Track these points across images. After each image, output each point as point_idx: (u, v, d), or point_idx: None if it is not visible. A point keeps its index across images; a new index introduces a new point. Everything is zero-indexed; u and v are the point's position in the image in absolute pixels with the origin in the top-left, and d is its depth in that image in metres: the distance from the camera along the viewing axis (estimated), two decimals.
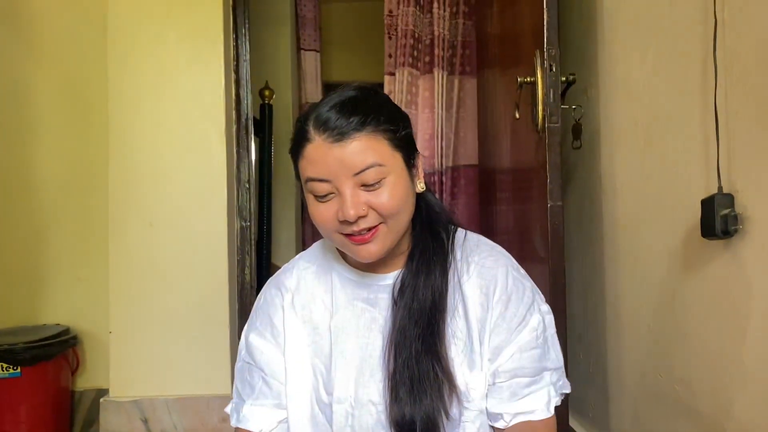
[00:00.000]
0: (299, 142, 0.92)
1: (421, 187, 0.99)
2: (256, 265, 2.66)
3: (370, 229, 0.91)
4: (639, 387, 1.62)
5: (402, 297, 0.98)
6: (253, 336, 1.07)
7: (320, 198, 0.91)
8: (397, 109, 0.98)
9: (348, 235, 0.92)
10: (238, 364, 1.10)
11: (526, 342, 0.97)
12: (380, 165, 0.89)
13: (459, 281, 0.99)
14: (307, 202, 0.95)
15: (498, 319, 0.97)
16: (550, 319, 1.02)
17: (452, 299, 0.98)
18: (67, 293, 2.57)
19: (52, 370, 2.35)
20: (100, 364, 2.49)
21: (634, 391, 1.66)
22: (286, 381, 1.03)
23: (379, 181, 0.89)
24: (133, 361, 2.35)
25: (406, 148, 0.95)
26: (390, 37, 2.90)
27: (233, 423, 1.06)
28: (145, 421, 2.32)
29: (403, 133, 0.95)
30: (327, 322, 1.03)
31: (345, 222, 0.89)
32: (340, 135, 0.88)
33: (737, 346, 1.17)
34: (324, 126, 0.89)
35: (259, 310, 1.09)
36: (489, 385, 0.97)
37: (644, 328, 1.57)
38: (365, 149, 0.88)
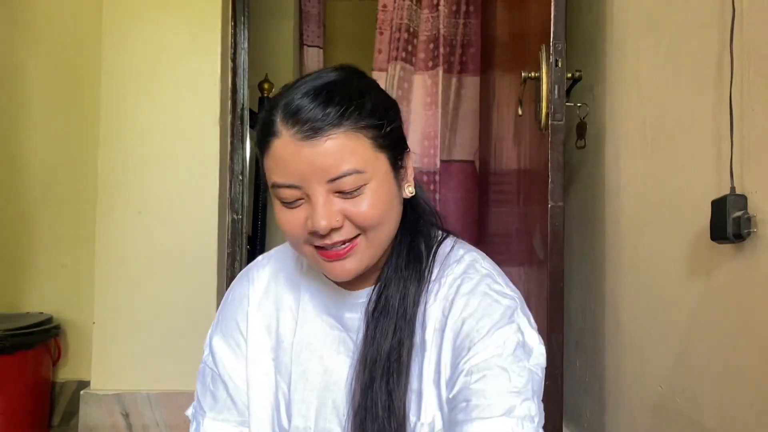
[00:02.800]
0: (264, 135, 0.77)
1: (409, 191, 0.85)
2: (246, 259, 2.60)
3: (345, 243, 0.77)
4: (637, 397, 1.55)
5: (372, 320, 0.84)
6: (217, 340, 0.95)
7: (287, 204, 0.78)
8: (385, 96, 0.83)
9: (320, 249, 0.78)
10: (201, 364, 0.97)
11: (482, 359, 0.76)
12: (359, 172, 0.75)
13: (425, 304, 0.84)
14: (273, 206, 0.81)
15: (456, 341, 0.80)
16: (540, 351, 0.80)
17: (421, 327, 0.83)
18: (51, 280, 2.50)
19: (33, 359, 2.28)
20: (83, 355, 2.41)
21: (631, 401, 1.59)
22: (249, 397, 0.92)
23: (358, 188, 0.75)
24: (116, 353, 2.28)
25: (393, 146, 0.80)
26: (381, 33, 2.84)
27: None
28: (126, 416, 2.25)
29: (389, 128, 0.79)
30: (291, 337, 0.91)
31: (315, 233, 0.76)
32: (311, 131, 0.73)
33: (747, 357, 1.10)
34: (294, 117, 0.74)
35: (226, 309, 0.97)
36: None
37: (645, 336, 1.50)
38: (342, 151, 0.74)
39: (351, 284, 0.88)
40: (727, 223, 1.08)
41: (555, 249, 1.66)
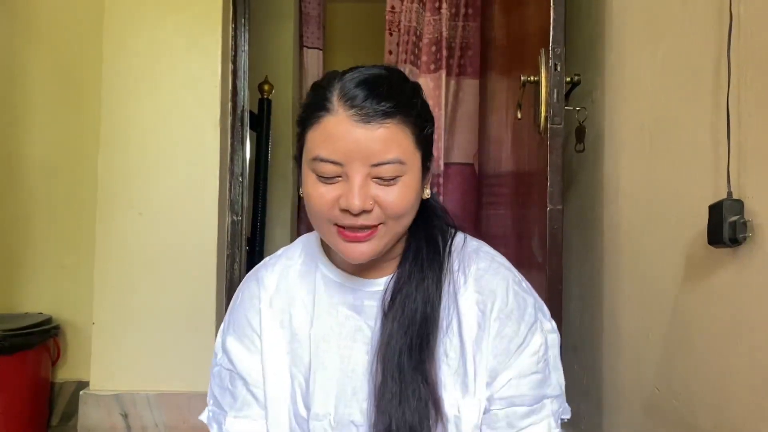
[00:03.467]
0: (316, 110, 0.81)
1: (427, 193, 0.91)
2: (246, 261, 2.60)
3: (367, 228, 0.82)
4: (635, 399, 1.56)
5: (392, 305, 0.88)
6: (231, 340, 0.97)
7: (324, 179, 0.81)
8: (426, 103, 0.89)
9: (341, 229, 0.83)
10: (214, 369, 0.99)
11: (526, 366, 0.88)
12: (401, 163, 0.80)
13: (455, 294, 0.90)
14: (304, 180, 0.84)
15: (495, 339, 0.88)
16: (553, 338, 0.92)
17: (446, 313, 0.89)
18: (50, 281, 2.50)
19: (32, 359, 2.28)
20: (82, 355, 2.41)
21: (629, 405, 1.60)
22: (265, 391, 0.94)
23: (394, 178, 0.81)
24: (116, 354, 2.28)
25: (427, 148, 0.87)
26: (391, 34, 2.85)
27: None
28: (125, 416, 2.25)
29: (429, 131, 0.87)
30: (307, 329, 0.93)
31: (346, 211, 0.80)
32: (366, 116, 0.78)
33: (743, 361, 1.11)
34: (351, 101, 0.79)
35: (236, 310, 0.99)
36: (485, 409, 0.88)
37: (643, 339, 1.51)
38: (390, 140, 0.79)
39: (370, 273, 0.92)
40: (724, 227, 1.08)
41: (553, 252, 1.67)
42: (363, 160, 0.79)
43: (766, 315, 1.04)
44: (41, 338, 2.30)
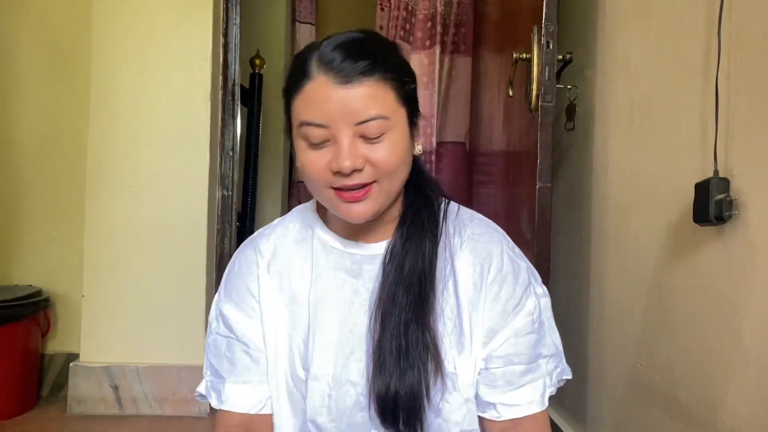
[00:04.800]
0: (297, 79, 0.84)
1: (419, 149, 0.92)
2: (236, 236, 2.60)
3: (362, 187, 0.84)
4: (618, 376, 1.59)
5: (392, 264, 0.90)
6: (228, 307, 0.97)
7: (314, 145, 0.83)
8: (406, 60, 0.91)
9: (338, 191, 0.84)
10: (209, 338, 0.99)
11: (521, 326, 0.91)
12: (385, 118, 0.82)
13: (451, 256, 0.92)
14: (296, 150, 0.86)
15: (492, 301, 0.90)
16: (546, 302, 0.95)
17: (443, 274, 0.91)
18: (40, 254, 2.50)
19: (22, 331, 2.28)
20: (72, 327, 2.42)
21: (613, 380, 1.62)
22: (266, 354, 0.95)
23: (380, 135, 0.82)
24: (105, 326, 2.29)
25: (411, 104, 0.89)
26: (382, 9, 2.84)
27: (215, 404, 0.96)
28: (115, 388, 2.27)
29: (411, 86, 0.89)
30: (306, 292, 0.94)
31: (338, 173, 0.82)
32: (345, 77, 0.80)
33: (724, 337, 1.13)
34: (329, 65, 0.81)
35: (234, 277, 0.99)
36: (481, 369, 0.91)
37: (628, 316, 1.53)
38: (371, 97, 0.81)
39: (367, 237, 0.94)
40: (710, 205, 1.10)
41: (542, 229, 1.69)
42: (347, 120, 0.81)
43: (749, 292, 1.06)
44: (31, 310, 2.30)
